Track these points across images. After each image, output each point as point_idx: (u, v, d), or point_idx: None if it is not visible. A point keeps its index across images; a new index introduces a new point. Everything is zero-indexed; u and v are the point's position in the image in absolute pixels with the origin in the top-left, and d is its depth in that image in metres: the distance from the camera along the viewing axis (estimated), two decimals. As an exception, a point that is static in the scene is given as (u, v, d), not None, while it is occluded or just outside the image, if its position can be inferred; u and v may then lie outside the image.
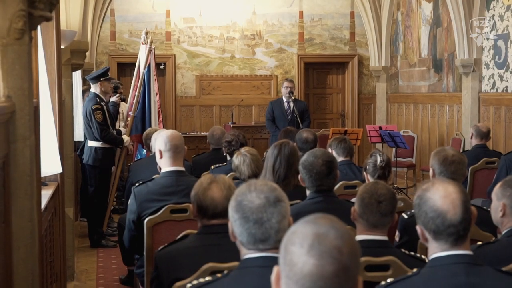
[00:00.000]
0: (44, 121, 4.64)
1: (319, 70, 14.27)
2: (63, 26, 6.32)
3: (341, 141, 5.48)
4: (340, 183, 4.99)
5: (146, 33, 8.81)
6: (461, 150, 10.83)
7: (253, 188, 2.36)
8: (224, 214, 3.02)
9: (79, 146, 8.62)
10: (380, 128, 11.19)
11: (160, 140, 4.47)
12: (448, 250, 2.40)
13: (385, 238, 3.13)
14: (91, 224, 8.19)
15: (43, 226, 4.22)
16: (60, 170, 5.05)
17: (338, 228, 1.67)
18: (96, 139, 7.99)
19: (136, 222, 4.37)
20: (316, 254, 1.62)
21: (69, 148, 6.75)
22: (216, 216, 3.08)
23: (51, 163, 4.75)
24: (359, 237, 3.09)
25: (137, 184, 4.50)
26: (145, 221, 4.22)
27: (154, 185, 4.40)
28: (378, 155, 4.33)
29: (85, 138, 8.22)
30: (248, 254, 2.35)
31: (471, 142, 7.29)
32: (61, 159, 5.06)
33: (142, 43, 8.85)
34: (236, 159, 5.14)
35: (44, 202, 4.39)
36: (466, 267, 2.37)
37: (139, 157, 8.46)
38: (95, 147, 8.03)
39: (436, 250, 2.43)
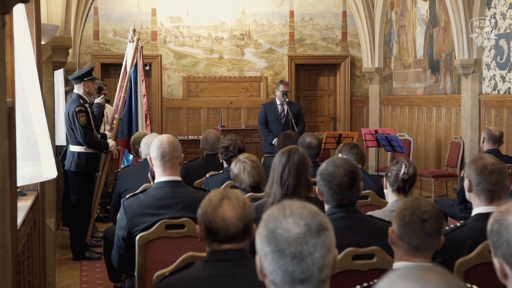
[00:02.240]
0: (38, 123, 4.14)
1: (310, 72, 13.82)
2: (43, 20, 5.79)
3: (353, 147, 4.98)
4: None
5: (134, 31, 8.27)
6: (460, 155, 10.43)
7: (288, 212, 1.82)
8: (238, 237, 2.51)
9: (61, 151, 8.13)
10: (376, 131, 10.73)
11: (151, 146, 4.07)
12: None
13: (430, 265, 2.65)
14: (73, 235, 7.66)
15: (20, 243, 3.73)
16: (55, 175, 4.49)
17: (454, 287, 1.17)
18: (79, 144, 7.48)
19: (127, 239, 3.88)
20: None
21: (50, 153, 6.22)
22: (228, 239, 2.53)
23: (46, 167, 4.21)
24: (399, 264, 2.60)
25: (127, 196, 4.00)
26: (137, 238, 3.76)
27: (147, 197, 3.91)
28: (403, 165, 3.81)
29: (67, 142, 7.72)
30: None
31: (482, 146, 6.88)
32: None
33: (129, 41, 8.31)
34: (235, 167, 4.75)
35: (21, 215, 3.90)
36: None
37: (125, 163, 7.96)
38: (78, 152, 7.52)
39: (520, 289, 1.93)
